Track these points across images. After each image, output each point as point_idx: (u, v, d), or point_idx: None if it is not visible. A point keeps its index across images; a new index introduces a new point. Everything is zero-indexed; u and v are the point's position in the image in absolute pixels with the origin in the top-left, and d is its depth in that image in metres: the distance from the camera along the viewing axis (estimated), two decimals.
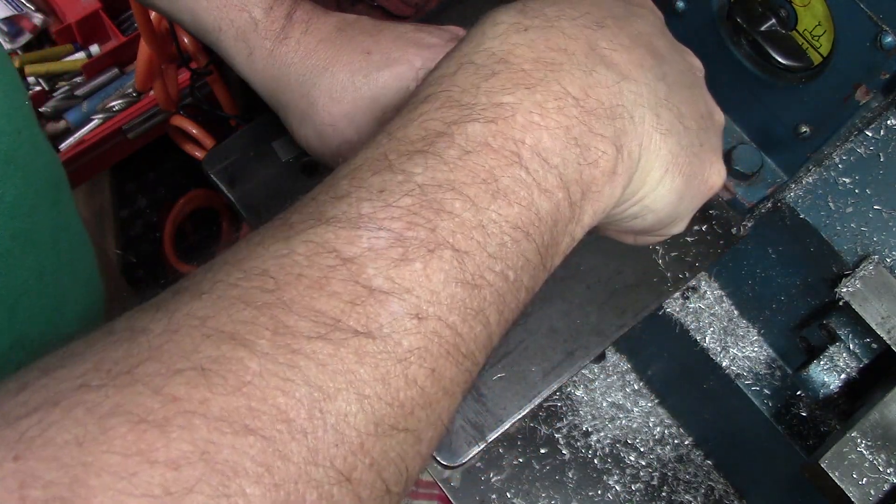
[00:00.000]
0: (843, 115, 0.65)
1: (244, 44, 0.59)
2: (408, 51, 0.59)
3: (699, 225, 0.70)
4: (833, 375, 0.68)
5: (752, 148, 0.73)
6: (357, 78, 0.58)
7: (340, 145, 0.59)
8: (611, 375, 0.94)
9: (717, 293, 0.82)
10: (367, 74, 0.58)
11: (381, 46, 0.59)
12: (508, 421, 0.61)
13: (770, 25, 0.67)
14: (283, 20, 0.59)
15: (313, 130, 0.60)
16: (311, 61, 0.58)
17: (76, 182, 1.46)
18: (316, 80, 0.58)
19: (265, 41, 0.59)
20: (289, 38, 0.59)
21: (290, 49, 0.59)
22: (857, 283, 0.65)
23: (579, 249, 0.67)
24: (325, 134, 0.59)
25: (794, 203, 0.68)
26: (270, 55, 0.59)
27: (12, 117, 0.53)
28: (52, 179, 0.62)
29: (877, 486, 0.61)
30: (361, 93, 0.58)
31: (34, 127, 0.60)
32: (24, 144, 0.55)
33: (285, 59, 0.59)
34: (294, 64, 0.59)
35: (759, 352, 0.80)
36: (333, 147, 0.59)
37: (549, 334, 0.64)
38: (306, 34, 0.59)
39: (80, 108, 1.41)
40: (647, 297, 0.66)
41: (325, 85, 0.58)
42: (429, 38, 0.60)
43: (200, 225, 1.81)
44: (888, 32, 0.58)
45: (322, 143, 0.60)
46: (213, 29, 0.60)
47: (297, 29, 0.59)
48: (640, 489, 0.90)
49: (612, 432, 0.92)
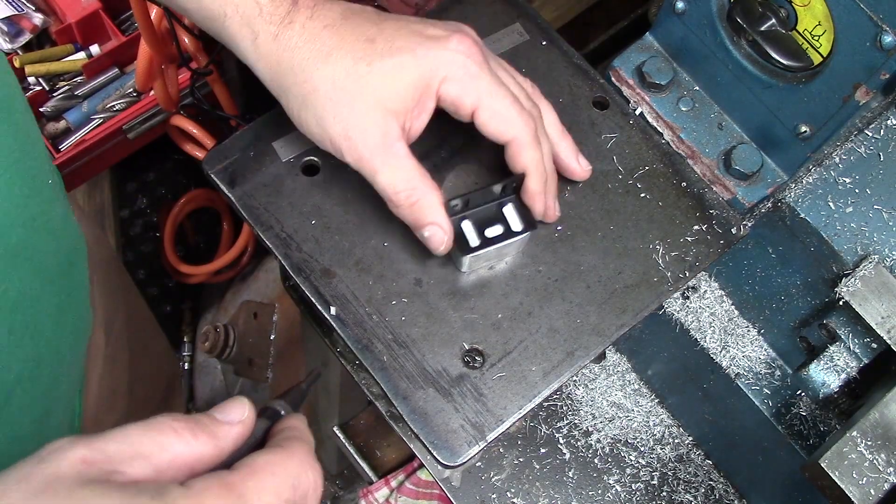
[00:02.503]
0: (843, 115, 0.65)
1: (249, 29, 0.60)
2: (411, 40, 0.59)
3: (699, 225, 0.70)
4: (833, 375, 0.68)
5: (752, 148, 0.73)
6: (360, 65, 0.58)
7: (339, 133, 0.59)
8: (611, 375, 0.94)
9: (717, 293, 0.82)
10: (371, 62, 0.58)
11: (385, 35, 0.59)
12: (508, 421, 0.61)
13: (770, 25, 0.67)
14: (288, 5, 0.59)
15: (314, 116, 0.59)
16: (315, 46, 0.59)
17: (76, 182, 1.47)
18: (319, 64, 0.59)
19: (270, 26, 0.59)
20: (293, 23, 0.59)
21: (294, 33, 0.59)
22: (857, 282, 0.65)
23: (579, 249, 0.68)
24: (325, 120, 0.59)
25: (794, 203, 0.68)
26: (275, 39, 0.59)
27: (27, 205, 0.53)
28: (66, 261, 0.62)
29: (877, 486, 0.61)
30: (364, 80, 0.58)
31: (56, 207, 0.60)
32: (37, 231, 0.55)
33: (289, 42, 0.59)
34: (298, 48, 0.59)
35: (759, 352, 0.80)
36: (332, 134, 0.59)
37: (549, 334, 0.64)
38: (311, 19, 0.59)
39: (81, 108, 1.41)
40: (647, 297, 0.66)
41: (328, 70, 0.58)
42: (433, 30, 0.61)
43: (201, 225, 1.81)
44: (888, 32, 0.58)
45: (321, 129, 0.60)
46: (219, 16, 0.60)
47: (302, 14, 0.59)
48: (641, 489, 0.90)
49: (612, 432, 0.92)
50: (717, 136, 0.75)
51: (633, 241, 0.68)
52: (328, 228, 0.66)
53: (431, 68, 0.59)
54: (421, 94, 0.59)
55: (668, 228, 0.69)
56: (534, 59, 0.75)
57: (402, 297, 0.64)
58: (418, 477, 1.08)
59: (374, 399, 0.81)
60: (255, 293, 1.72)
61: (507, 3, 0.77)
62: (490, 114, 0.60)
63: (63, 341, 0.64)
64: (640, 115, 0.76)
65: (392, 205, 0.61)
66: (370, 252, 0.66)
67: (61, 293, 0.62)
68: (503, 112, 0.60)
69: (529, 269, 0.66)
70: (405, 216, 0.61)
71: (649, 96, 0.76)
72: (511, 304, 0.65)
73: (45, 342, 0.60)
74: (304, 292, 0.64)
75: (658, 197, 0.70)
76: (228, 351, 1.63)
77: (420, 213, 0.60)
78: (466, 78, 0.59)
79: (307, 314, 0.86)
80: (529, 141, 0.61)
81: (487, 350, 0.63)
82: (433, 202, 0.60)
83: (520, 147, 0.61)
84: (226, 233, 1.78)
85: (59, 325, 0.62)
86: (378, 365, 0.61)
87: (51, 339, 0.61)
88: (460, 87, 0.59)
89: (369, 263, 0.65)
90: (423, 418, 0.60)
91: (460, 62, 0.59)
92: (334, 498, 1.70)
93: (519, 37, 0.75)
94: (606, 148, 0.72)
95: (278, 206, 0.66)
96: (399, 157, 0.59)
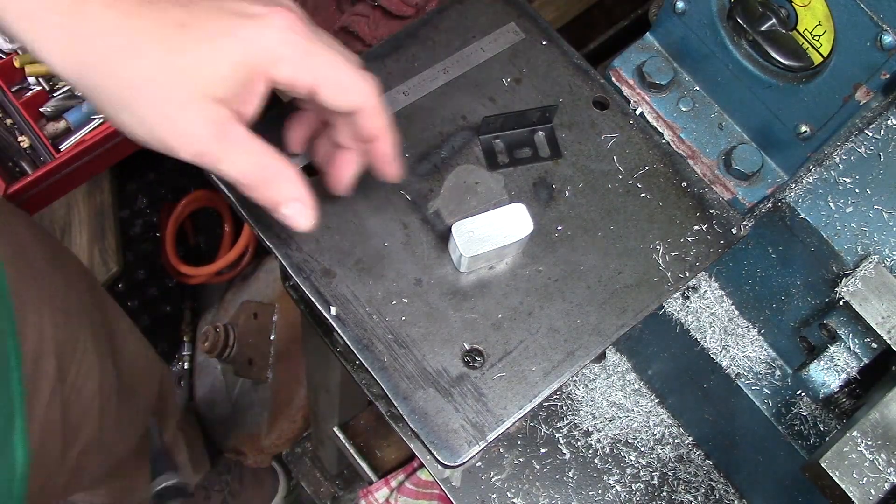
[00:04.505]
0: (844, 115, 0.65)
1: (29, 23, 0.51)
2: (228, 21, 0.52)
3: (699, 225, 0.70)
4: (833, 375, 0.68)
5: (752, 148, 0.73)
6: (174, 56, 0.51)
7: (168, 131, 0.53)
8: (611, 375, 0.94)
9: (717, 293, 0.82)
10: (185, 51, 0.51)
11: (197, 17, 0.52)
12: (508, 421, 0.61)
13: (770, 25, 0.67)
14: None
15: (136, 120, 0.53)
16: (119, 40, 0.51)
17: (76, 182, 1.46)
18: (127, 61, 0.51)
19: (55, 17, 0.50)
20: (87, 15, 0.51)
21: (90, 27, 0.51)
22: (857, 282, 0.65)
23: (579, 249, 0.68)
24: (152, 123, 0.53)
25: (794, 203, 0.68)
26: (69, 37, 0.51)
27: None
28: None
29: (877, 486, 0.61)
30: (181, 71, 0.51)
31: None
32: None
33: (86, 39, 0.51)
34: (98, 44, 0.51)
35: (759, 352, 0.80)
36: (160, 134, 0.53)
37: (549, 334, 0.64)
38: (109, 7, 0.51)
39: (81, 108, 1.41)
40: (647, 297, 0.66)
41: (140, 65, 0.51)
42: (250, 7, 0.54)
43: (201, 225, 1.81)
44: (888, 32, 0.58)
45: (146, 130, 0.53)
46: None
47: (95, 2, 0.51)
48: (641, 489, 0.90)
49: (612, 432, 0.92)
50: (718, 136, 0.75)
51: (634, 241, 0.68)
52: (328, 228, 0.66)
53: (256, 51, 0.53)
54: (248, 80, 0.53)
55: (669, 228, 0.69)
56: (534, 58, 0.75)
57: (402, 297, 0.64)
58: (418, 477, 1.08)
59: (374, 399, 0.81)
60: (255, 293, 1.72)
61: (507, 2, 0.77)
62: (334, 87, 0.55)
63: None
64: (640, 115, 0.76)
65: (244, 189, 0.56)
66: (370, 252, 0.66)
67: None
68: (346, 82, 0.55)
69: (529, 269, 0.66)
70: (260, 199, 0.56)
71: (649, 96, 0.76)
72: (511, 303, 0.65)
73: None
74: (304, 292, 0.64)
75: (658, 197, 0.71)
76: (228, 351, 1.63)
77: (276, 192, 0.56)
78: (298, 56, 0.53)
79: (307, 314, 0.86)
80: (377, 104, 0.57)
81: (487, 350, 0.63)
82: (288, 176, 0.56)
83: (371, 113, 0.57)
84: (226, 233, 1.78)
85: None
86: (378, 365, 0.62)
87: None
88: (293, 67, 0.54)
89: (369, 263, 0.65)
90: (423, 418, 0.60)
91: (287, 40, 0.53)
92: (334, 498, 1.70)
93: (515, 36, 0.75)
94: (606, 148, 0.72)
95: None
96: (238, 141, 0.54)
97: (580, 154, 0.71)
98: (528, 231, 0.64)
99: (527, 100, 0.73)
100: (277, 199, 0.56)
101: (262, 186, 0.55)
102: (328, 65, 0.54)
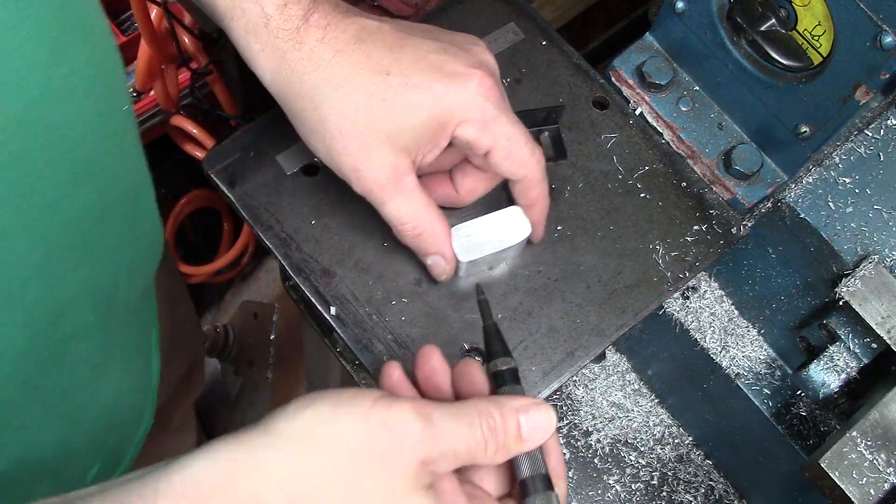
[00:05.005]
0: (843, 115, 0.65)
1: (254, 37, 0.57)
2: (428, 76, 0.56)
3: (699, 225, 0.70)
4: (833, 375, 0.68)
5: (752, 148, 0.73)
6: (373, 101, 0.56)
7: (348, 165, 0.57)
8: (611, 375, 0.94)
9: (717, 293, 0.82)
10: (384, 98, 0.56)
11: (401, 67, 0.56)
12: None
13: (770, 25, 0.67)
14: (297, 20, 0.56)
15: (323, 146, 0.58)
16: (325, 74, 0.56)
17: None
18: (329, 94, 0.56)
19: (277, 40, 0.56)
20: (303, 45, 0.56)
21: (303, 56, 0.56)
22: (857, 282, 0.65)
23: (579, 249, 0.68)
24: (335, 153, 0.57)
25: (794, 203, 0.68)
26: (283, 59, 0.56)
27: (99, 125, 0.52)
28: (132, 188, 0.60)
29: (877, 486, 0.61)
30: (376, 116, 0.56)
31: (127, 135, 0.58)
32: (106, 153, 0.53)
33: (298, 66, 0.56)
34: (307, 73, 0.56)
35: (759, 352, 0.80)
36: (341, 164, 0.58)
37: (549, 334, 0.64)
38: (322, 42, 0.56)
39: None
40: (647, 297, 0.66)
41: (339, 104, 0.56)
42: (452, 65, 0.57)
43: (201, 225, 1.81)
44: (888, 32, 0.58)
45: (331, 159, 0.58)
46: (225, 16, 0.57)
47: (312, 35, 0.56)
48: (641, 489, 0.90)
49: (612, 432, 0.92)
50: (717, 136, 0.75)
51: (633, 241, 0.68)
52: (328, 228, 0.66)
53: (449, 110, 0.57)
54: (435, 134, 0.58)
55: (668, 228, 0.69)
56: (533, 58, 0.75)
57: (402, 297, 0.64)
58: None
59: None
60: (255, 293, 1.72)
61: (506, 2, 0.77)
62: (505, 154, 0.59)
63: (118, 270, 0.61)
64: (640, 115, 0.76)
65: (398, 234, 0.61)
66: (370, 252, 0.66)
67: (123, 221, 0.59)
68: (518, 154, 0.60)
69: (529, 270, 0.66)
70: (410, 245, 0.62)
71: (649, 96, 0.76)
72: (511, 304, 0.65)
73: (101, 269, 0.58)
74: (304, 292, 0.64)
75: (658, 197, 0.71)
76: (228, 351, 1.63)
77: (424, 244, 0.61)
78: (484, 122, 0.58)
79: (307, 314, 0.86)
80: (540, 178, 0.62)
81: None
82: (438, 233, 0.60)
83: (531, 184, 0.62)
84: (226, 233, 1.78)
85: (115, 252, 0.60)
86: (378, 365, 0.61)
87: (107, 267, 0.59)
88: (477, 130, 0.58)
89: (369, 263, 0.65)
90: None
91: (479, 105, 0.57)
92: None
93: (514, 36, 0.75)
94: (606, 148, 0.72)
95: (278, 206, 0.66)
96: (407, 190, 0.58)
97: (580, 154, 0.71)
98: (526, 234, 0.64)
99: (526, 100, 0.73)
100: (426, 250, 0.62)
101: (414, 236, 0.60)
102: (506, 137, 0.59)
